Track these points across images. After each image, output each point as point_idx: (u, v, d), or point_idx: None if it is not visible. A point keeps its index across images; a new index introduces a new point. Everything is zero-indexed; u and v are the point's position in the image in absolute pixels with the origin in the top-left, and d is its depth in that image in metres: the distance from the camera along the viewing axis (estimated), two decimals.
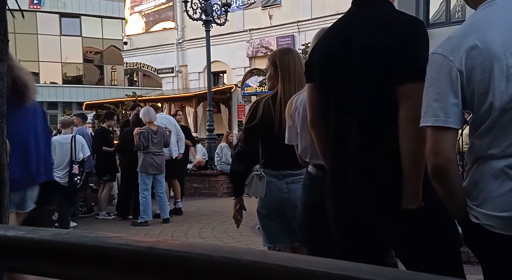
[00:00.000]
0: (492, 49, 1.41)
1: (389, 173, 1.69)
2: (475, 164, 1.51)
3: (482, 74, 1.42)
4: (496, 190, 1.43)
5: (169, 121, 7.77)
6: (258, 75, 15.75)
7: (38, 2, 29.33)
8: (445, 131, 1.46)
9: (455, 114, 1.46)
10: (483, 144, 1.46)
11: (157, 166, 6.91)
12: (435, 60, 1.51)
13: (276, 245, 2.81)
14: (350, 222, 1.83)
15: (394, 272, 0.51)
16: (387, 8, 1.81)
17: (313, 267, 0.52)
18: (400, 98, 1.65)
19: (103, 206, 7.66)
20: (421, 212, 1.64)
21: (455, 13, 13.28)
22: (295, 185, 2.61)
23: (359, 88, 1.75)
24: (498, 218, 1.42)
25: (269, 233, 2.82)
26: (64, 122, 6.95)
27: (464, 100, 1.47)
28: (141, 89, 24.53)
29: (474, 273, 3.84)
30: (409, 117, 1.62)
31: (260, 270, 0.53)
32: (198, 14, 10.34)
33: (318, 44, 1.97)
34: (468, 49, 1.43)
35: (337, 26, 1.92)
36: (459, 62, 1.44)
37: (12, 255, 0.71)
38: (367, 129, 1.74)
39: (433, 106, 1.47)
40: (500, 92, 1.40)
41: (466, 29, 1.52)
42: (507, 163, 1.41)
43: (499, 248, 1.46)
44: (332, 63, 1.84)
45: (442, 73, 1.47)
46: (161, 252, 0.58)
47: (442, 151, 1.47)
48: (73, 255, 0.65)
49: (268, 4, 16.61)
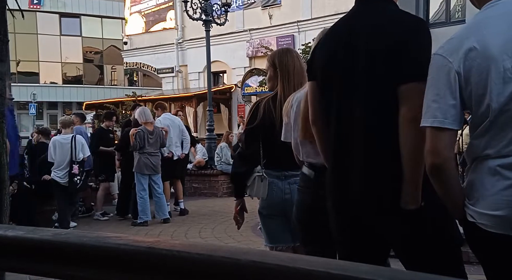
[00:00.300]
0: (489, 51, 1.42)
1: (390, 173, 1.69)
2: (473, 164, 1.52)
3: (479, 76, 1.43)
4: (490, 189, 1.45)
5: (172, 121, 7.76)
6: (258, 75, 15.75)
7: (38, 2, 29.35)
8: (443, 131, 1.49)
9: (452, 116, 1.48)
10: (480, 144, 1.48)
11: (152, 166, 6.90)
12: (435, 61, 1.53)
13: (278, 245, 2.81)
14: (351, 221, 1.83)
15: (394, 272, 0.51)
16: (390, 8, 1.81)
17: (313, 267, 0.52)
18: (401, 97, 1.65)
19: (99, 206, 7.67)
20: (421, 212, 1.64)
21: (455, 13, 13.28)
22: (294, 186, 2.60)
23: (361, 88, 1.75)
24: (491, 216, 1.44)
25: (271, 233, 2.82)
26: (64, 122, 6.95)
27: (463, 101, 1.48)
28: (141, 89, 24.55)
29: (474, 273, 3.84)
30: (409, 117, 1.63)
31: (260, 270, 0.53)
32: (198, 14, 10.33)
33: (321, 43, 1.97)
34: (466, 51, 1.45)
35: (340, 25, 1.92)
36: (458, 63, 1.46)
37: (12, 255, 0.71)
38: (369, 130, 1.74)
39: (432, 107, 1.50)
40: (497, 94, 1.41)
41: (467, 30, 1.54)
42: (501, 162, 1.43)
43: (493, 247, 1.47)
44: (335, 62, 1.84)
45: (441, 74, 1.49)
46: (161, 252, 0.58)
47: (440, 150, 1.50)
48: (73, 255, 0.65)
49: (268, 4, 16.61)
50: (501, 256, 1.47)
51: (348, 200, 1.81)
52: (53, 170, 6.45)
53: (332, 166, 1.91)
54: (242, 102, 17.19)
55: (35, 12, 29.14)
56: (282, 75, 2.71)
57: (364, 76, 1.74)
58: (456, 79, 1.46)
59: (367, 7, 1.84)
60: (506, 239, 1.42)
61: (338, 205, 1.87)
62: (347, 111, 1.79)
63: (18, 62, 28.85)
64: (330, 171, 1.92)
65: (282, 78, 2.71)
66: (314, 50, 2.01)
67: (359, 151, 1.75)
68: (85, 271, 0.65)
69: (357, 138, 1.76)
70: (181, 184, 7.92)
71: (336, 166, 1.88)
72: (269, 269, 0.53)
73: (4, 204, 1.88)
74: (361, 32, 1.78)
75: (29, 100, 25.00)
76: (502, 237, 1.42)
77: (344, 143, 1.82)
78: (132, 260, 0.61)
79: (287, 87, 2.68)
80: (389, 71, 1.68)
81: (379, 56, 1.70)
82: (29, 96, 25.21)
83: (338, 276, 0.50)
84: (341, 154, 1.84)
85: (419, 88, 1.59)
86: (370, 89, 1.73)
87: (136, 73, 29.62)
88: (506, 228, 1.41)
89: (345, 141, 1.81)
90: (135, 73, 29.27)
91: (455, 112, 1.48)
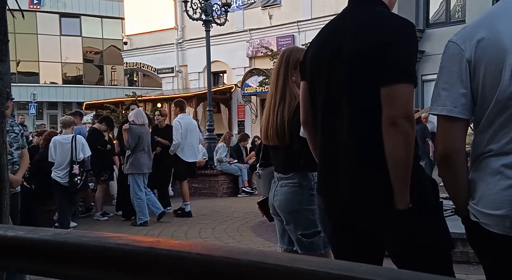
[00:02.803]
0: (501, 42, 1.39)
1: (378, 174, 1.68)
2: (476, 162, 1.51)
3: (488, 66, 1.40)
4: (491, 188, 1.44)
5: (190, 123, 7.76)
6: (258, 75, 15.75)
7: (38, 2, 29.35)
8: (452, 120, 1.46)
9: (462, 105, 1.45)
10: (484, 138, 1.46)
11: (148, 164, 6.92)
12: (448, 48, 1.50)
13: (280, 246, 2.83)
14: (343, 224, 1.83)
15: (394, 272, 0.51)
16: (379, 9, 1.80)
17: (313, 267, 0.52)
18: (383, 100, 1.61)
19: (99, 207, 7.66)
20: (409, 212, 1.63)
21: (455, 13, 13.28)
22: (283, 188, 2.59)
23: (347, 88, 1.73)
24: (491, 216, 1.43)
25: (277, 232, 2.85)
26: (64, 122, 6.94)
27: (471, 91, 1.45)
28: (141, 89, 24.55)
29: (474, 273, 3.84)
30: (389, 120, 1.59)
31: (260, 270, 0.53)
32: (198, 14, 10.33)
33: (312, 43, 1.98)
34: (478, 40, 1.42)
35: (330, 26, 1.92)
36: (470, 52, 1.43)
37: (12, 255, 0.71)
38: (356, 129, 1.73)
39: (442, 95, 1.47)
40: (504, 87, 1.38)
41: (482, 20, 1.50)
42: (504, 162, 1.41)
43: (495, 247, 1.46)
44: (322, 62, 1.83)
45: (453, 62, 1.46)
46: (161, 252, 0.58)
47: (449, 139, 1.48)
48: (73, 255, 0.65)
49: (268, 4, 16.61)
50: (502, 257, 1.47)
51: (337, 201, 1.80)
52: (53, 170, 6.44)
53: (320, 164, 1.91)
54: (242, 102, 17.19)
55: (35, 12, 29.14)
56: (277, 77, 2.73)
57: (350, 77, 1.72)
58: (467, 67, 1.43)
59: (355, 8, 1.83)
60: (507, 240, 1.41)
61: (328, 207, 1.87)
62: (333, 112, 1.78)
63: (18, 62, 28.86)
64: (319, 171, 1.93)
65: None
66: (306, 51, 2.02)
67: (345, 152, 1.74)
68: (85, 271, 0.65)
69: (345, 138, 1.74)
70: (187, 186, 7.89)
71: (324, 164, 1.88)
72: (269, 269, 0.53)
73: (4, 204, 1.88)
74: (346, 32, 1.76)
75: (29, 100, 24.99)
76: (503, 238, 1.42)
77: (331, 142, 1.81)
78: (132, 260, 0.60)
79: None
80: (372, 73, 1.65)
81: (362, 56, 1.68)
82: (29, 96, 25.21)
83: (338, 276, 0.50)
84: (328, 153, 1.84)
85: (400, 91, 1.57)
86: (355, 91, 1.71)
87: (136, 73, 29.62)
88: (506, 228, 1.41)
89: (332, 140, 1.80)
90: (135, 73, 29.27)
91: (465, 101, 1.45)
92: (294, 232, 2.57)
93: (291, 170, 2.55)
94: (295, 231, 2.56)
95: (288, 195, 2.55)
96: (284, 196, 2.56)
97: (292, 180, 2.55)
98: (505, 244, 1.42)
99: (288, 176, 2.56)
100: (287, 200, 2.55)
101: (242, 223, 6.79)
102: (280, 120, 2.50)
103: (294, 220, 2.55)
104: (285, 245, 2.78)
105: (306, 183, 2.52)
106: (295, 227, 2.56)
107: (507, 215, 1.40)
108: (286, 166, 2.57)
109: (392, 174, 1.61)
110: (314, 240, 2.52)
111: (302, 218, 2.52)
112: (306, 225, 2.51)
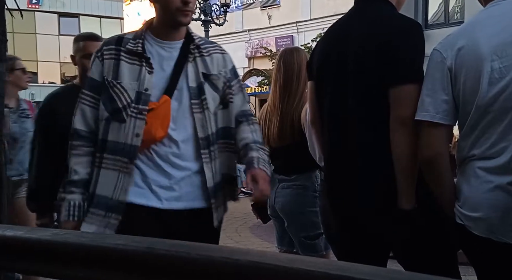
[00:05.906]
0: (480, 50, 1.43)
1: (384, 174, 1.68)
2: (461, 166, 1.53)
3: (468, 74, 1.45)
4: (474, 191, 1.47)
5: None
6: (257, 76, 15.76)
7: (36, 1, 29.33)
8: (435, 126, 1.51)
9: (444, 111, 1.49)
10: (467, 144, 1.50)
11: None
12: (433, 56, 1.54)
13: (279, 247, 2.81)
14: (348, 222, 1.83)
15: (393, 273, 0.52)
16: (386, 9, 1.80)
17: (312, 267, 0.52)
18: (391, 101, 1.63)
19: None
20: (415, 212, 1.63)
21: (454, 14, 13.31)
22: (285, 190, 2.58)
23: (352, 90, 1.74)
24: (472, 218, 1.45)
25: (276, 233, 2.82)
26: None
27: (453, 98, 1.50)
28: None
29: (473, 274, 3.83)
30: (398, 120, 1.61)
31: (259, 270, 0.53)
32: (197, 14, 10.33)
33: (319, 43, 1.98)
34: (459, 48, 1.47)
35: (336, 26, 1.92)
36: (451, 60, 1.48)
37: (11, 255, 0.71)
38: (363, 130, 1.73)
39: (425, 101, 1.52)
40: (482, 93, 1.42)
41: (464, 28, 1.56)
42: (485, 166, 1.44)
43: (479, 249, 1.49)
44: (328, 63, 1.84)
45: (436, 69, 1.51)
46: (161, 252, 0.58)
47: (432, 144, 1.52)
48: (72, 255, 0.65)
49: (267, 4, 16.63)
50: (486, 258, 1.48)
51: (344, 200, 1.80)
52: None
53: (327, 165, 1.91)
54: None
55: (34, 12, 29.10)
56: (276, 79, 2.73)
57: (357, 78, 1.72)
58: (448, 75, 1.48)
59: (363, 8, 1.83)
60: (488, 242, 1.43)
61: (334, 205, 1.87)
62: (340, 112, 1.79)
63: None
64: (325, 171, 1.92)
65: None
66: (313, 52, 2.02)
67: (352, 151, 1.75)
68: (84, 271, 0.65)
69: (352, 139, 1.75)
70: None
71: (331, 165, 1.88)
72: (268, 270, 0.53)
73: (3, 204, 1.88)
74: (353, 32, 1.77)
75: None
76: (484, 240, 1.43)
77: (338, 143, 1.82)
78: (132, 260, 0.61)
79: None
80: (379, 73, 1.66)
81: (369, 57, 1.68)
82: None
83: (337, 277, 0.50)
84: (336, 154, 1.84)
85: (408, 91, 1.58)
86: (362, 91, 1.72)
87: None
88: (485, 230, 1.42)
89: (340, 141, 1.81)
90: None
91: (447, 107, 1.49)
92: (297, 233, 2.56)
93: (294, 171, 2.54)
94: (298, 232, 2.55)
95: (292, 196, 2.53)
96: (287, 197, 2.54)
97: (296, 181, 2.53)
98: (487, 246, 1.44)
99: (291, 178, 2.55)
100: (291, 202, 2.53)
101: (240, 224, 6.78)
102: (290, 120, 2.51)
103: (297, 221, 2.54)
104: (284, 247, 2.75)
105: (310, 185, 2.52)
106: (298, 229, 2.54)
107: (484, 217, 1.42)
108: (289, 167, 2.56)
109: (398, 173, 1.62)
110: (317, 241, 2.51)
111: (306, 220, 2.50)
112: (309, 227, 2.50)
